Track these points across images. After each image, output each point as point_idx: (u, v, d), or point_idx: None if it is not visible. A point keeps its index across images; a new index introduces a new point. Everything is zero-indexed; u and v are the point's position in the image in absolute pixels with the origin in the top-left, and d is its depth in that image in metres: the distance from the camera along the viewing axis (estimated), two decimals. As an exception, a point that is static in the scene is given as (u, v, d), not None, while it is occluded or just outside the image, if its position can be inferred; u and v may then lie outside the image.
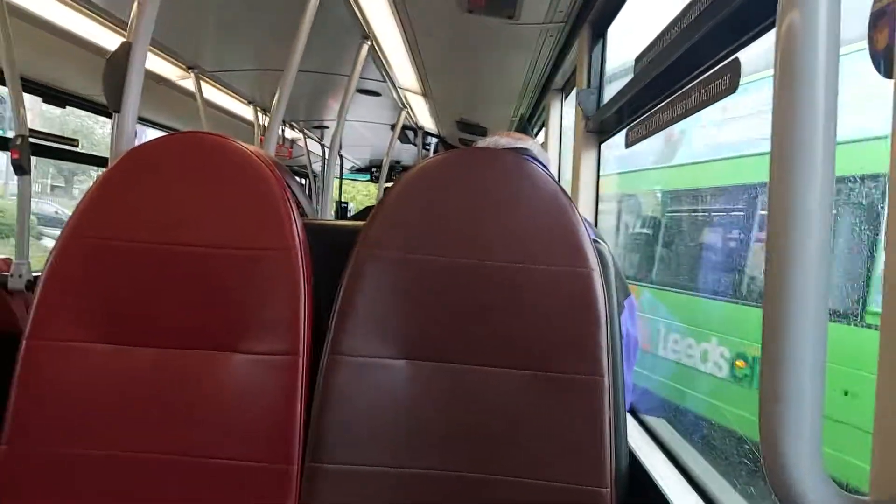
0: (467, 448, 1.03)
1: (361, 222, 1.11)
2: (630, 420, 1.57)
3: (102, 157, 4.41)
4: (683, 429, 3.76)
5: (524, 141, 1.66)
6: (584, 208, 2.17)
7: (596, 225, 2.22)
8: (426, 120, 5.06)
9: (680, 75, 1.32)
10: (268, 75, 3.82)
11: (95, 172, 4.84)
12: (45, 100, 3.58)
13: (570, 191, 2.22)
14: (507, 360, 1.04)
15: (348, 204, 8.54)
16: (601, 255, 1.08)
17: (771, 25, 0.96)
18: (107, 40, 2.87)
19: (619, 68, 2.09)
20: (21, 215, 2.51)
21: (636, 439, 1.50)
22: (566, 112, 3.32)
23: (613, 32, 2.16)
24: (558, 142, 3.33)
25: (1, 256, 2.54)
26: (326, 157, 6.55)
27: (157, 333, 1.06)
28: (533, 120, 4.08)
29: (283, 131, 5.37)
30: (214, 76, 3.82)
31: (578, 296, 1.04)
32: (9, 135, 2.55)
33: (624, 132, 1.83)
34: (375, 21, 2.70)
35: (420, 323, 1.05)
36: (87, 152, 4.25)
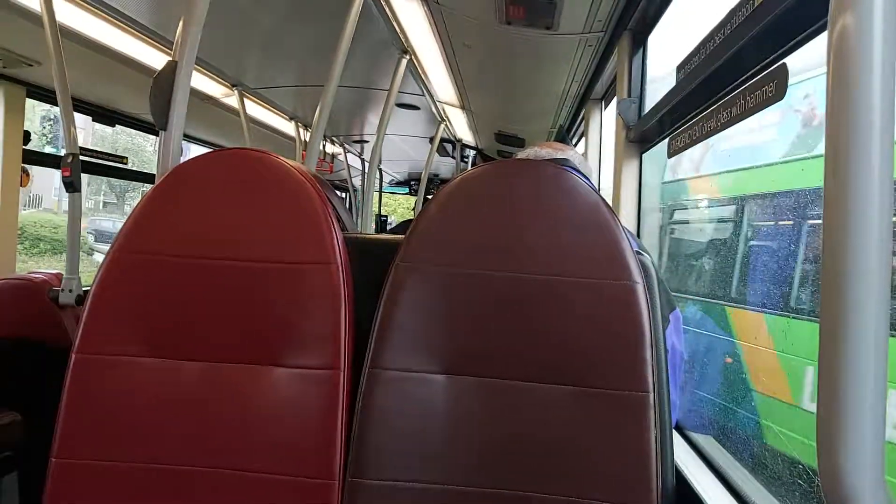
0: (508, 465, 1.01)
1: (401, 236, 1.11)
2: (676, 437, 1.52)
3: (149, 174, 4.55)
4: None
5: (564, 151, 1.65)
6: (627, 219, 2.13)
7: (639, 236, 2.18)
8: (464, 132, 5.07)
9: (724, 82, 1.29)
10: (308, 91, 3.88)
11: (144, 189, 4.97)
12: (95, 119, 3.71)
13: (612, 201, 2.19)
14: (549, 376, 1.03)
15: (387, 217, 8.60)
16: (645, 268, 1.06)
17: (819, 30, 0.93)
18: (154, 59, 2.96)
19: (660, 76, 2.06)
20: (72, 231, 2.59)
21: (683, 457, 1.46)
22: (606, 121, 3.29)
23: (654, 40, 2.14)
24: (598, 152, 3.29)
25: (52, 271, 2.62)
26: (366, 172, 6.63)
27: (201, 347, 1.08)
28: (572, 130, 4.05)
29: (324, 146, 5.44)
30: (257, 93, 3.90)
31: (622, 309, 1.02)
32: (61, 153, 2.65)
33: (666, 142, 1.80)
34: (414, 36, 2.73)
35: (460, 337, 1.05)
36: (136, 169, 4.38)
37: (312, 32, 2.88)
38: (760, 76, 1.10)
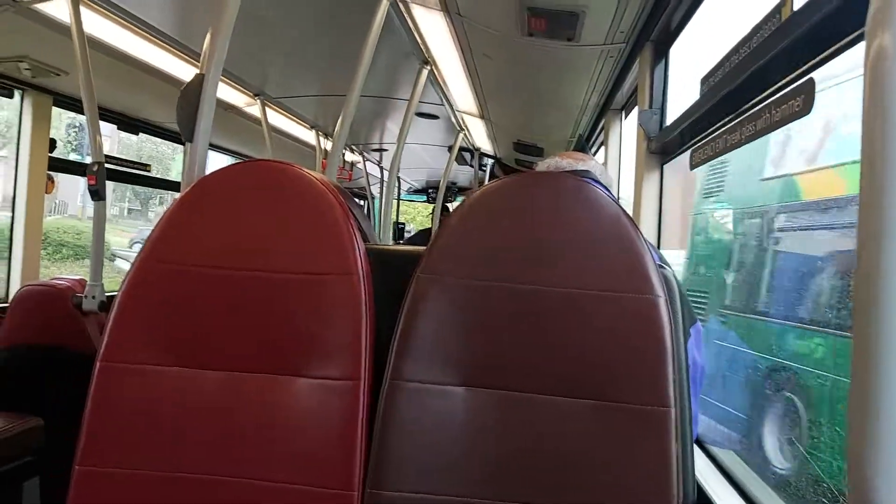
0: (528, 478, 1.01)
1: (422, 247, 1.12)
2: (696, 451, 1.51)
3: (172, 182, 4.60)
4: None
5: (585, 162, 1.64)
6: (647, 231, 2.12)
7: (659, 247, 2.17)
8: (483, 141, 5.08)
9: (749, 96, 1.28)
10: (329, 100, 3.91)
11: (168, 195, 5.03)
12: (120, 127, 3.76)
13: (632, 212, 2.18)
14: (569, 389, 1.02)
15: (405, 224, 8.63)
16: (667, 281, 1.05)
17: (850, 43, 0.92)
18: (177, 69, 3.01)
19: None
20: (96, 239, 2.62)
21: (704, 472, 1.44)
22: (626, 132, 3.28)
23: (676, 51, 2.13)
24: (618, 163, 3.28)
25: (75, 277, 2.65)
26: (385, 180, 6.65)
27: (224, 357, 1.08)
28: (591, 140, 4.04)
29: (343, 154, 5.48)
30: (279, 102, 3.93)
31: (644, 323, 1.01)
32: (86, 160, 2.68)
33: (687, 154, 1.79)
34: (435, 46, 2.74)
35: (480, 349, 1.04)
36: (159, 177, 4.44)
37: (334, 43, 2.91)
38: (787, 90, 1.09)
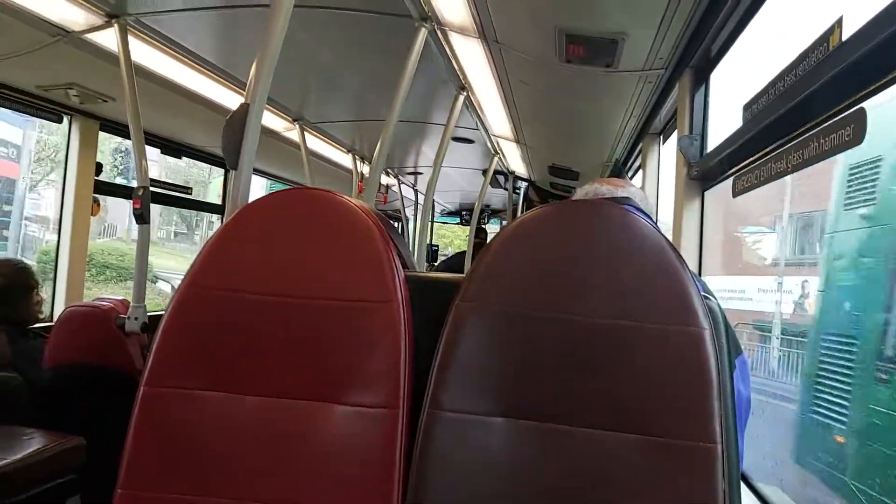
0: None
1: (461, 275, 1.11)
2: (743, 488, 1.46)
3: (214, 204, 4.70)
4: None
5: (625, 188, 1.62)
6: (688, 259, 2.09)
7: (700, 275, 2.13)
8: (517, 165, 5.08)
9: (795, 124, 1.26)
10: (366, 125, 3.97)
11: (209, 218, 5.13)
12: (164, 151, 3.87)
13: (672, 238, 2.14)
14: (612, 422, 1.00)
15: (437, 246, 8.67)
16: (712, 312, 1.03)
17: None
18: (219, 95, 3.09)
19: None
20: (140, 262, 2.68)
21: (751, 509, 1.40)
22: (664, 157, 3.25)
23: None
24: (656, 189, 3.24)
25: (118, 297, 2.71)
26: (420, 203, 6.69)
27: (264, 382, 1.09)
28: (628, 165, 4.01)
29: (380, 178, 5.53)
30: (317, 127, 4.00)
31: (689, 356, 0.99)
32: (132, 184, 2.75)
33: (730, 180, 1.76)
34: (472, 72, 2.76)
35: (520, 380, 1.03)
36: (200, 199, 4.54)
37: (371, 69, 2.96)
38: (837, 119, 1.07)
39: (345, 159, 4.84)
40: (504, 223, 7.99)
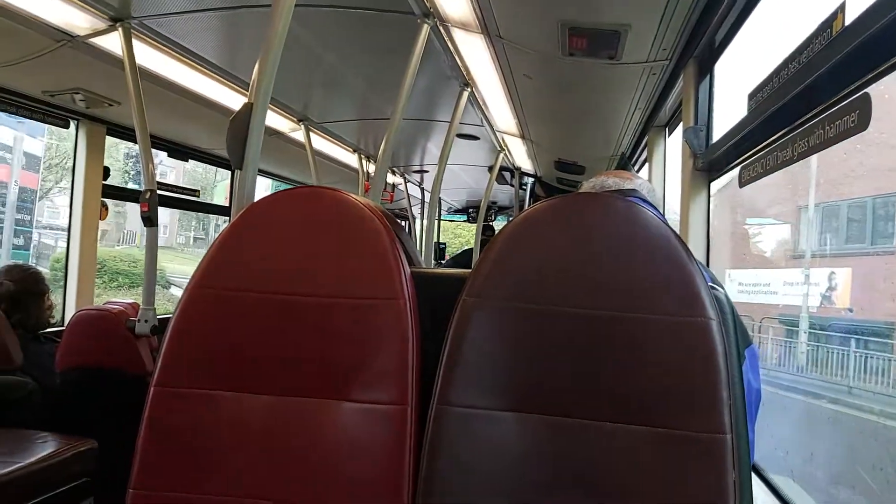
0: None
1: (467, 270, 1.11)
2: (754, 479, 1.45)
3: (221, 206, 4.72)
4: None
5: (631, 181, 1.61)
6: (696, 250, 2.08)
7: (708, 265, 2.12)
8: (523, 161, 5.07)
9: (800, 112, 1.24)
10: (371, 124, 3.97)
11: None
12: (170, 154, 3.89)
13: (678, 230, 2.13)
14: (621, 415, 0.99)
15: (445, 244, 8.68)
16: (719, 302, 1.02)
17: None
18: (225, 97, 3.10)
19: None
20: (149, 264, 2.70)
21: (762, 501, 1.39)
22: (670, 149, 3.23)
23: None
24: (663, 181, 3.23)
25: (128, 301, 2.72)
26: (427, 201, 6.69)
27: (273, 381, 1.09)
28: (634, 157, 3.99)
29: (386, 177, 5.54)
30: (322, 127, 4.01)
31: (697, 347, 0.98)
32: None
33: (736, 171, 1.75)
34: (475, 68, 2.76)
35: (528, 374, 1.03)
36: (207, 202, 4.57)
37: (375, 68, 2.96)
38: (841, 105, 1.06)
39: (350, 159, 4.85)
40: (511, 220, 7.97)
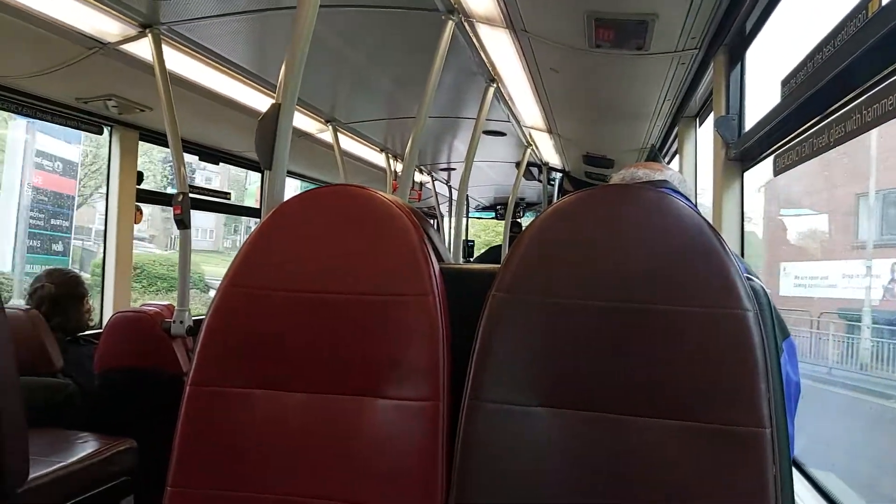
0: (614, 500, 0.97)
1: (496, 265, 1.10)
2: (795, 474, 1.42)
3: (252, 208, 4.79)
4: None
5: (662, 172, 1.58)
6: (730, 241, 2.03)
7: (743, 256, 2.08)
8: (551, 156, 5.04)
9: (836, 97, 1.21)
10: (398, 123, 3.98)
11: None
12: (202, 158, 3.95)
13: (712, 221, 2.10)
14: (656, 409, 0.98)
15: (473, 242, 8.68)
16: (756, 294, 1.00)
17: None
18: (254, 100, 3.13)
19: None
20: (182, 266, 2.75)
21: (803, 495, 1.36)
22: (701, 139, 3.18)
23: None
24: (694, 173, 3.18)
25: (164, 303, 2.78)
26: (454, 199, 6.69)
27: (305, 379, 1.10)
28: (664, 149, 3.94)
29: (413, 175, 5.55)
30: (349, 127, 4.04)
31: (733, 339, 0.96)
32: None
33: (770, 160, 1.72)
34: (501, 63, 2.75)
35: (560, 368, 1.02)
36: (239, 203, 4.64)
37: (401, 66, 2.97)
38: (878, 89, 1.03)
39: (378, 158, 4.87)
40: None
